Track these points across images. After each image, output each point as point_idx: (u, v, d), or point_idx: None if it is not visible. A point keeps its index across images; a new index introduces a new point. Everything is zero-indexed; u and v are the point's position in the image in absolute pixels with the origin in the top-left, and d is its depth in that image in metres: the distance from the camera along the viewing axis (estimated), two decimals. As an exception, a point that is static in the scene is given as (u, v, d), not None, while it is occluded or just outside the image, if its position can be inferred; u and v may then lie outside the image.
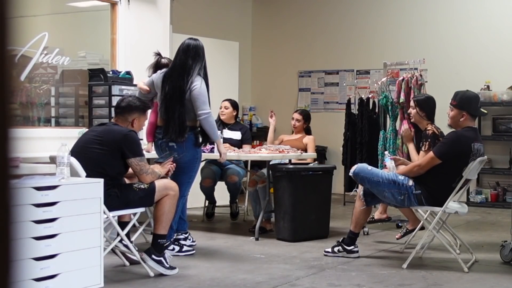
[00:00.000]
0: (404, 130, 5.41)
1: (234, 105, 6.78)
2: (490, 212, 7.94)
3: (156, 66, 5.20)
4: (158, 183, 4.33)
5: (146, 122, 4.84)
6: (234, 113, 6.75)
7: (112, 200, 4.14)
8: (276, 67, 10.63)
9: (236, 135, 6.63)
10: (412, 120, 5.46)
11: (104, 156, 4.19)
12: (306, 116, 6.68)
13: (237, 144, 6.52)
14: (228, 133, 6.53)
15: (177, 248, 4.99)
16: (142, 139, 5.23)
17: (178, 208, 4.75)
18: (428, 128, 5.13)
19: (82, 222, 3.74)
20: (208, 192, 6.71)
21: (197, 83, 4.73)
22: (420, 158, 5.02)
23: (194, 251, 5.08)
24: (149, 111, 4.73)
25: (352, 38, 9.93)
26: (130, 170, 4.37)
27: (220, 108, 6.72)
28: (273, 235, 5.84)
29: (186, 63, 4.77)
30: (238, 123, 6.91)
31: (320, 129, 9.28)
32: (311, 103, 10.38)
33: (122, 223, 4.49)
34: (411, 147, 5.43)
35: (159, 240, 4.35)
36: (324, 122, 9.86)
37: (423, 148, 5.08)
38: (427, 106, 5.27)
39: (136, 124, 4.41)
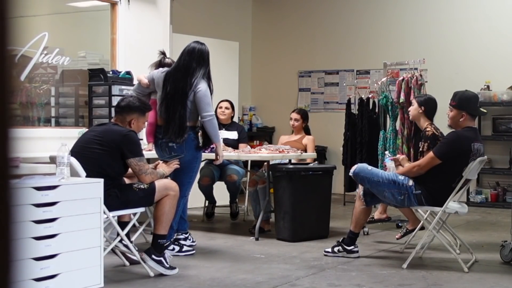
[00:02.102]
0: (402, 158, 5.32)
1: (233, 105, 6.81)
2: (490, 212, 7.94)
3: (159, 65, 5.21)
4: (158, 183, 4.33)
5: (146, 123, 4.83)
6: (233, 114, 6.78)
7: (112, 200, 4.14)
8: (276, 67, 10.62)
9: (233, 135, 6.66)
10: (410, 118, 5.46)
11: (104, 156, 4.19)
12: (304, 115, 6.68)
13: (234, 144, 6.54)
14: (225, 134, 6.54)
15: (177, 248, 4.98)
16: (142, 139, 5.23)
17: (179, 208, 4.75)
18: (428, 129, 5.08)
19: (82, 222, 3.74)
20: (206, 191, 6.70)
21: (202, 86, 4.73)
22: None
23: (194, 251, 5.08)
24: (148, 115, 4.69)
25: (352, 38, 9.93)
26: (130, 170, 4.36)
27: (221, 108, 6.72)
28: (273, 235, 5.84)
29: (190, 65, 4.77)
30: (235, 123, 6.92)
31: (320, 129, 9.28)
32: (311, 103, 10.38)
33: (122, 223, 4.48)
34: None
35: (159, 240, 4.35)
36: (324, 122, 9.86)
37: (421, 149, 5.07)
38: (427, 104, 5.25)
39: (135, 124, 4.39)
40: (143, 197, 4.29)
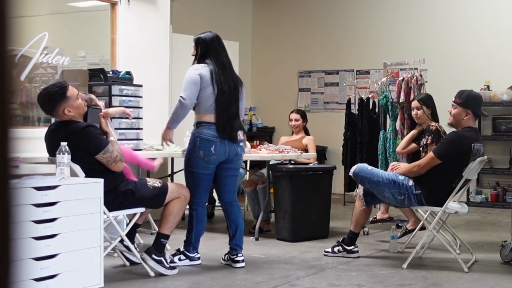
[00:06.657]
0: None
1: None
2: (490, 212, 7.94)
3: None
4: (172, 185, 4.40)
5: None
6: None
7: (127, 198, 4.15)
8: (276, 67, 10.62)
9: None
10: (419, 122, 5.50)
11: (92, 168, 4.05)
12: (303, 114, 6.72)
13: None
14: None
15: (184, 257, 4.69)
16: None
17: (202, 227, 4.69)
18: (432, 124, 5.21)
19: (82, 222, 3.74)
20: None
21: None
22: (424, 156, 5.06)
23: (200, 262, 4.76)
24: (72, 91, 4.07)
25: (352, 38, 9.93)
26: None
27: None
28: (273, 235, 5.84)
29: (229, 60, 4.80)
30: None
31: (320, 129, 9.28)
32: (311, 103, 10.38)
33: (136, 225, 4.51)
34: (412, 133, 5.63)
35: (161, 240, 4.34)
36: (324, 122, 9.86)
37: (424, 141, 5.12)
38: (431, 102, 5.36)
39: (71, 111, 4.01)
40: (156, 195, 4.28)
